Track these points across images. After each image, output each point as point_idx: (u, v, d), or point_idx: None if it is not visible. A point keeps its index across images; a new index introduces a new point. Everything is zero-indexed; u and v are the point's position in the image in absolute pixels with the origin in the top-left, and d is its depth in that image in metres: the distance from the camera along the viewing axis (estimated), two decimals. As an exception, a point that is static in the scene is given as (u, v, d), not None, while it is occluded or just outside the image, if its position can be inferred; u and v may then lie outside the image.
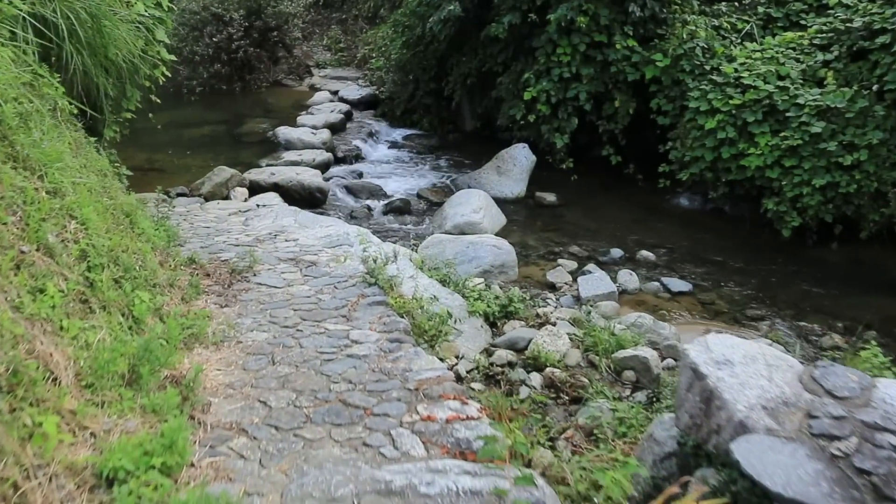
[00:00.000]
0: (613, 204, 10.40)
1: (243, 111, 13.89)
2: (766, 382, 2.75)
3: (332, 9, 18.82)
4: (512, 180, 10.41)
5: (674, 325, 6.95)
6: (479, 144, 12.63)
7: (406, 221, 9.43)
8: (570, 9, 10.02)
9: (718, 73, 9.70)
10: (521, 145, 10.75)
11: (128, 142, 10.20)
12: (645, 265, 8.51)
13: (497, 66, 11.55)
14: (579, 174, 10.79)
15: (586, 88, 10.50)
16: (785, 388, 2.73)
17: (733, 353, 2.91)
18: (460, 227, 8.88)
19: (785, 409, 2.64)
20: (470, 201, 9.16)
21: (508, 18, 10.51)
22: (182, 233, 6.91)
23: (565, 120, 10.66)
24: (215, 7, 14.63)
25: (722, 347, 2.95)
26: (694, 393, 2.86)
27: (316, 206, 9.53)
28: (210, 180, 9.25)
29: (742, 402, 2.66)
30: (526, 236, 9.19)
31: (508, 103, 11.23)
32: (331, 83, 15.53)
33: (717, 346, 2.96)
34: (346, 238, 6.56)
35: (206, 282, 5.19)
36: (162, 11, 8.62)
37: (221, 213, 8.21)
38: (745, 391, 2.70)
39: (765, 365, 2.86)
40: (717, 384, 2.75)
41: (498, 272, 7.78)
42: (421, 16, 12.22)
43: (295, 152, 10.94)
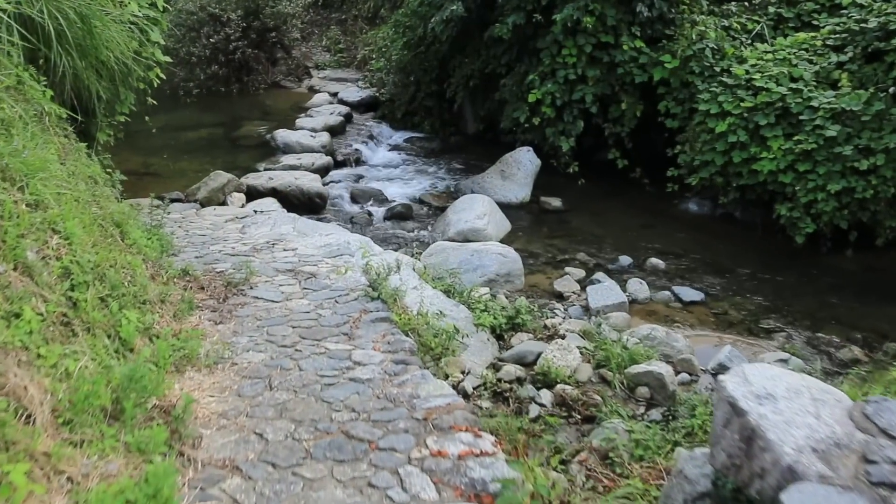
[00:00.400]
0: (620, 209, 10.14)
1: (241, 113, 13.63)
2: (814, 420, 2.49)
3: (331, 9, 18.54)
4: (516, 185, 10.15)
5: (687, 338, 6.70)
6: (481, 147, 12.37)
7: (408, 227, 9.17)
8: (577, 9, 9.76)
9: (729, 74, 9.44)
10: (526, 149, 10.49)
11: (123, 145, 9.95)
12: (655, 273, 8.25)
13: (500, 68, 11.29)
14: (585, 178, 10.54)
15: (592, 90, 10.24)
16: (835, 427, 2.47)
17: (775, 385, 2.65)
18: (464, 234, 8.62)
19: (837, 451, 2.38)
20: (474, 207, 8.90)
21: (513, 19, 10.25)
22: (176, 241, 6.66)
23: (571, 123, 10.41)
24: (212, 7, 14.36)
25: (762, 379, 2.69)
26: (732, 430, 2.60)
27: (315, 211, 9.27)
28: (206, 185, 8.99)
29: (789, 443, 2.39)
30: (531, 243, 8.93)
31: (512, 106, 10.97)
32: (330, 85, 15.26)
33: (757, 378, 2.70)
34: (346, 247, 6.29)
35: (201, 296, 4.92)
36: (156, 12, 8.37)
37: (218, 220, 7.95)
38: (791, 430, 2.44)
39: (810, 399, 2.60)
40: (759, 422, 2.49)
41: (504, 281, 7.53)
42: (422, 16, 11.96)
43: (293, 156, 10.67)
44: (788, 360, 6.24)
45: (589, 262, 8.44)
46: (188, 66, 14.59)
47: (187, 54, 14.45)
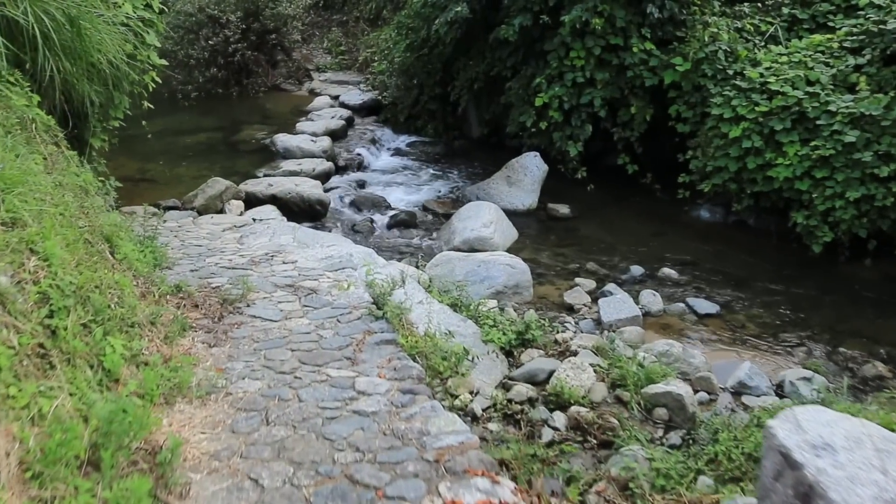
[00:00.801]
0: (630, 216, 9.85)
1: (240, 117, 13.35)
2: (881, 476, 2.20)
3: (332, 10, 18.25)
4: (523, 191, 9.86)
5: (704, 353, 6.42)
6: (486, 152, 12.09)
7: (412, 236, 8.88)
8: (585, 10, 9.47)
9: (742, 77, 9.15)
10: (533, 154, 10.20)
11: (119, 150, 9.66)
12: (667, 284, 7.96)
13: (506, 71, 11.00)
14: (593, 184, 10.24)
15: (601, 94, 9.96)
16: (905, 484, 2.18)
17: (832, 433, 2.36)
18: (470, 243, 8.33)
19: (911, 514, 2.09)
20: (480, 215, 8.61)
21: (519, 20, 9.96)
22: (171, 253, 6.38)
23: (579, 127, 10.12)
24: (211, 9, 14.07)
25: (817, 425, 2.40)
26: (785, 484, 2.31)
27: (316, 219, 8.99)
28: (203, 193, 8.70)
29: (855, 504, 2.10)
30: (539, 252, 8.64)
31: (518, 109, 10.68)
32: (331, 87, 14.96)
33: (812, 425, 2.41)
34: (348, 260, 6.01)
35: (194, 315, 4.64)
36: (152, 13, 8.10)
37: (215, 229, 7.67)
38: (856, 489, 2.15)
39: (874, 450, 2.31)
40: (818, 478, 2.20)
41: (512, 293, 7.24)
42: (426, 18, 11.67)
43: (294, 161, 10.38)
44: (812, 377, 5.95)
45: (599, 272, 8.15)
46: (186, 69, 14.29)
47: (185, 56, 14.16)
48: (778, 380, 6.10)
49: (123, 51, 7.40)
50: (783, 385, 6.01)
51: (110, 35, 6.75)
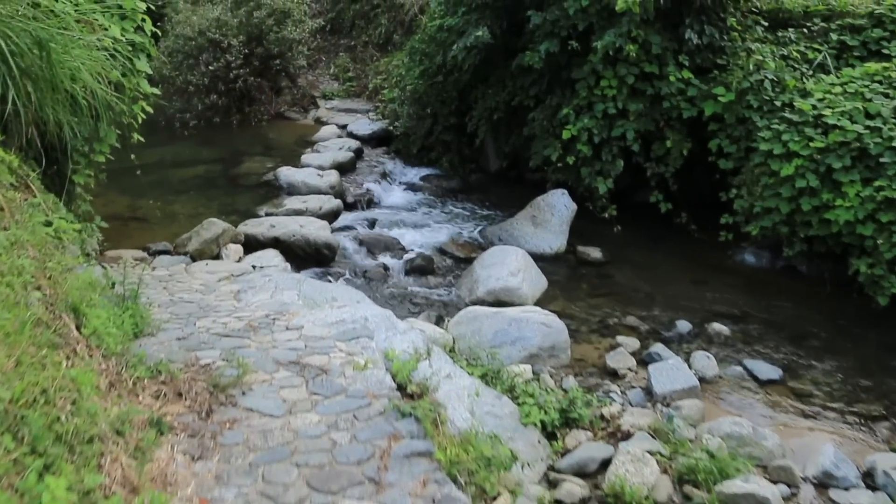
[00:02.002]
0: (667, 260, 8.97)
1: (241, 147, 12.51)
2: None
3: (339, 35, 17.45)
4: (550, 233, 8.98)
5: (776, 431, 5.51)
6: (505, 187, 11.23)
7: (430, 284, 7.99)
8: (619, 35, 8.64)
9: (792, 109, 8.29)
10: (560, 191, 9.33)
11: (109, 185, 8.82)
12: (719, 342, 7.07)
13: (528, 100, 10.17)
14: (623, 223, 9.38)
15: (634, 126, 9.11)
16: None
17: None
18: (495, 294, 7.45)
19: None
20: (506, 261, 7.73)
21: (545, 46, 9.13)
22: (157, 312, 5.49)
23: (609, 162, 9.27)
24: (212, 32, 13.28)
25: None
26: None
27: (323, 264, 8.12)
28: (198, 235, 7.84)
29: None
30: (572, 304, 7.75)
31: (542, 142, 9.83)
32: (338, 116, 14.11)
33: None
34: (363, 325, 5.11)
35: (176, 408, 3.74)
36: (144, 37, 7.29)
37: (209, 279, 6.81)
38: None
39: None
40: None
41: (548, 356, 6.35)
42: (441, 43, 10.86)
43: (298, 198, 9.51)
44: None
45: (641, 327, 7.26)
46: (185, 96, 13.50)
47: (184, 83, 13.36)
48: (866, 466, 5.20)
49: (108, 78, 6.63)
50: (874, 474, 5.10)
51: (91, 61, 5.94)
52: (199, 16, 13.68)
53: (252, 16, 13.49)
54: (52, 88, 5.43)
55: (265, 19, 13.51)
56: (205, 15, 13.65)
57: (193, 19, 13.61)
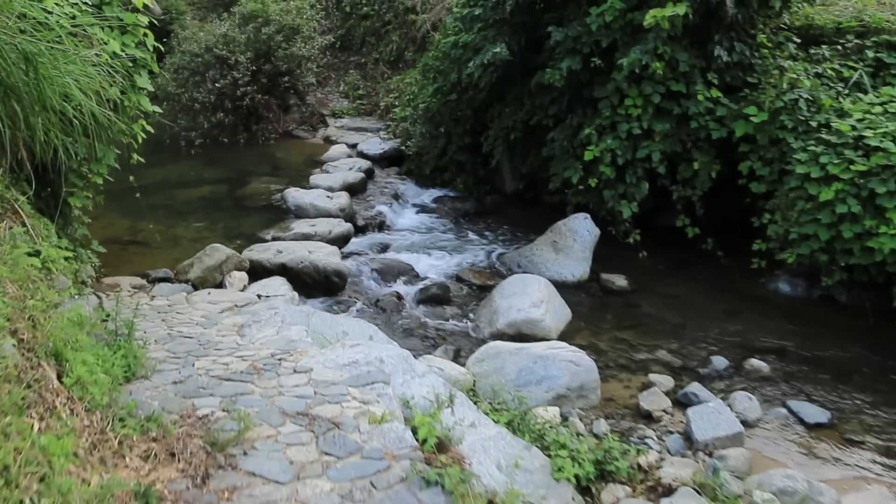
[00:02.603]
0: (695, 289, 8.47)
1: (248, 167, 12.09)
2: None
3: (349, 52, 17.06)
4: (572, 259, 8.50)
5: (832, 485, 4.99)
6: (521, 210, 10.78)
7: (446, 315, 7.52)
8: (645, 52, 8.20)
9: (829, 130, 7.83)
10: (583, 216, 8.85)
11: (110, 206, 8.42)
12: (758, 380, 6.58)
13: (547, 120, 9.72)
14: (647, 248, 8.90)
15: (660, 147, 8.64)
16: None
17: None
18: (517, 326, 6.98)
19: None
20: (527, 291, 7.26)
21: (567, 64, 8.69)
22: (153, 350, 5.05)
23: (634, 185, 8.80)
24: (219, 49, 12.88)
25: None
26: None
27: (333, 292, 7.66)
28: (200, 262, 7.38)
29: None
30: (598, 337, 7.27)
31: (562, 163, 9.37)
32: (348, 135, 13.68)
33: None
34: (378, 368, 4.63)
35: (168, 473, 3.26)
36: (145, 52, 6.89)
37: (211, 310, 6.36)
38: None
39: None
40: None
41: (576, 396, 5.87)
42: (456, 60, 10.44)
43: (307, 222, 9.06)
44: None
45: (674, 363, 6.77)
46: (191, 114, 13.10)
47: (190, 100, 12.96)
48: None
49: (105, 95, 6.21)
50: (943, 536, 4.60)
51: (87, 77, 5.52)
52: (206, 31, 13.31)
53: (260, 32, 13.11)
54: (43, 106, 5.00)
55: (274, 35, 13.12)
56: (212, 31, 13.28)
57: (200, 35, 13.24)
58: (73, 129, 5.89)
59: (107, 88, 6.46)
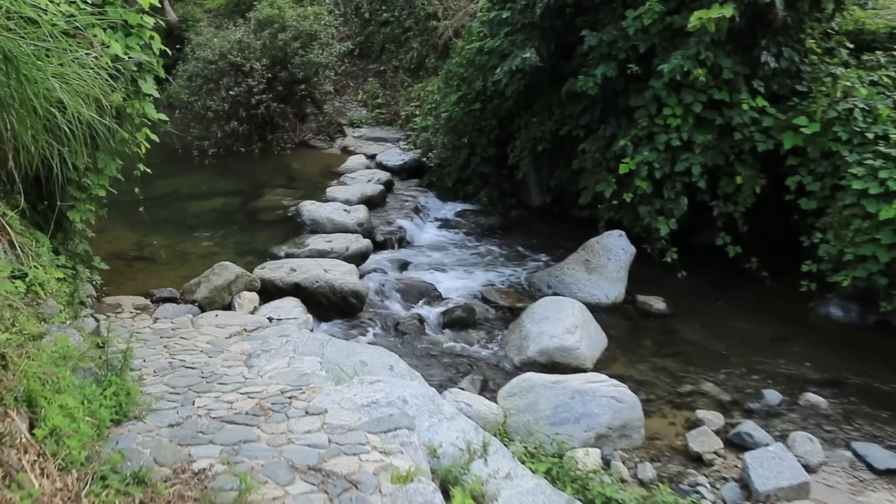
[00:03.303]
0: (739, 313, 7.86)
1: (262, 178, 11.59)
2: None
3: (368, 59, 16.55)
4: (606, 279, 7.93)
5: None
6: (548, 225, 10.21)
7: (472, 340, 6.96)
8: (687, 58, 7.63)
9: (887, 142, 7.23)
10: (617, 233, 8.28)
11: (116, 219, 7.96)
12: (816, 417, 5.97)
13: (578, 130, 9.16)
14: (684, 268, 8.29)
15: (700, 160, 8.05)
16: None
17: None
18: (549, 354, 6.41)
19: None
20: (560, 315, 6.69)
21: (601, 70, 8.13)
22: (149, 384, 4.53)
23: (672, 200, 8.21)
24: (234, 55, 12.42)
25: None
26: None
27: (350, 314, 7.13)
28: (208, 281, 6.87)
29: None
30: (636, 366, 6.68)
31: (594, 176, 8.80)
32: (367, 145, 13.16)
33: None
34: (401, 410, 4.09)
35: (154, 549, 2.72)
36: (151, 56, 6.41)
37: (218, 335, 5.85)
38: None
39: None
40: None
41: (618, 436, 5.29)
42: (481, 66, 9.91)
43: (323, 238, 8.53)
44: None
45: (721, 397, 6.18)
46: (204, 122, 12.64)
47: (203, 108, 12.49)
48: None
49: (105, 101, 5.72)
50: None
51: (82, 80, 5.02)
52: (221, 38, 12.86)
53: (276, 38, 12.64)
54: (28, 111, 4.50)
55: (290, 42, 12.65)
56: (226, 37, 12.83)
57: (214, 42, 12.80)
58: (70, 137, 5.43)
59: (108, 94, 5.99)
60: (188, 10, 17.84)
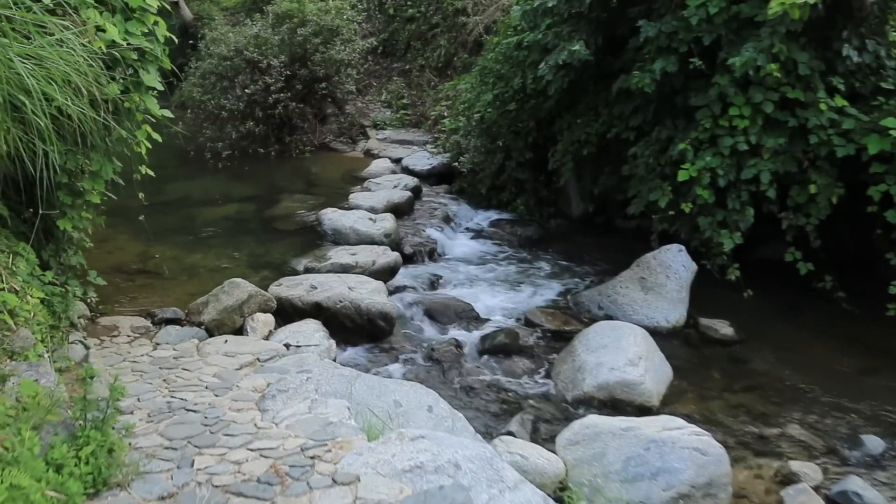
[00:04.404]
0: (815, 339, 6.93)
1: (280, 183, 10.78)
2: None
3: (392, 57, 15.73)
4: (665, 300, 7.03)
5: None
6: (591, 237, 9.32)
7: (516, 370, 6.08)
8: (760, 51, 6.74)
9: None
10: (676, 248, 7.38)
11: (119, 227, 7.17)
12: (928, 469, 5.05)
13: (628, 133, 8.28)
14: (747, 286, 7.38)
15: (770, 166, 7.15)
16: None
17: None
18: (609, 390, 5.54)
19: None
20: (621, 344, 5.81)
21: (660, 65, 7.25)
22: (138, 437, 3.71)
23: (737, 211, 7.30)
24: (250, 51, 11.62)
25: None
26: None
27: (378, 338, 6.29)
28: (217, 301, 6.03)
29: None
30: (708, 403, 5.80)
31: (647, 184, 7.91)
32: (392, 148, 12.30)
33: None
34: (453, 480, 3.23)
35: None
36: (155, 44, 5.60)
37: (227, 367, 5.04)
38: None
39: None
40: None
41: (702, 495, 4.40)
42: (520, 62, 9.05)
43: (346, 250, 7.67)
44: None
45: (812, 443, 5.28)
46: (217, 123, 11.84)
47: (217, 107, 11.70)
48: None
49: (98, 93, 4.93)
50: None
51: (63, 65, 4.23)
52: (236, 32, 12.07)
53: (296, 33, 11.82)
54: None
55: (310, 37, 11.82)
56: (242, 31, 12.04)
57: (230, 36, 12.00)
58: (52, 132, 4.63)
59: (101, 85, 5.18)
60: (204, 7, 17.12)
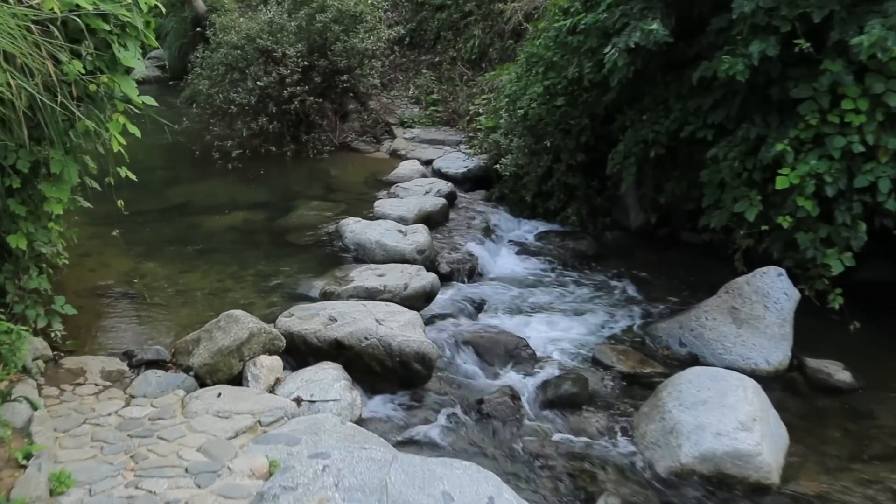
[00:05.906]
0: (951, 387, 5.61)
1: (294, 188, 9.53)
2: None
3: (421, 49, 14.44)
4: (764, 336, 5.70)
5: None
6: (654, 252, 8.00)
7: (588, 428, 4.78)
8: (889, 28, 5.42)
9: None
10: (776, 271, 6.02)
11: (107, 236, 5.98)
12: None
13: (705, 131, 6.98)
14: (853, 317, 6.07)
15: (891, 173, 5.81)
16: None
17: None
18: (716, 462, 4.25)
19: None
20: (727, 400, 4.51)
21: (758, 47, 5.93)
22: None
23: (848, 226, 5.97)
24: (263, 39, 10.39)
25: None
26: None
27: (413, 385, 5.02)
28: (211, 340, 4.77)
29: None
30: (838, 480, 4.48)
31: (731, 192, 6.59)
32: (421, 149, 11.00)
33: None
34: None
35: None
36: (139, 14, 4.39)
37: (218, 434, 3.82)
38: None
39: None
40: None
41: None
42: (575, 48, 7.76)
43: (372, 270, 6.37)
44: None
45: None
46: (226, 119, 10.62)
47: (225, 102, 10.48)
48: None
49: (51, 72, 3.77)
50: None
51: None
52: (248, 18, 10.86)
53: (314, 19, 10.57)
54: None
55: (331, 24, 10.57)
56: (255, 18, 10.82)
57: (241, 23, 10.78)
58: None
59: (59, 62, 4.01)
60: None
